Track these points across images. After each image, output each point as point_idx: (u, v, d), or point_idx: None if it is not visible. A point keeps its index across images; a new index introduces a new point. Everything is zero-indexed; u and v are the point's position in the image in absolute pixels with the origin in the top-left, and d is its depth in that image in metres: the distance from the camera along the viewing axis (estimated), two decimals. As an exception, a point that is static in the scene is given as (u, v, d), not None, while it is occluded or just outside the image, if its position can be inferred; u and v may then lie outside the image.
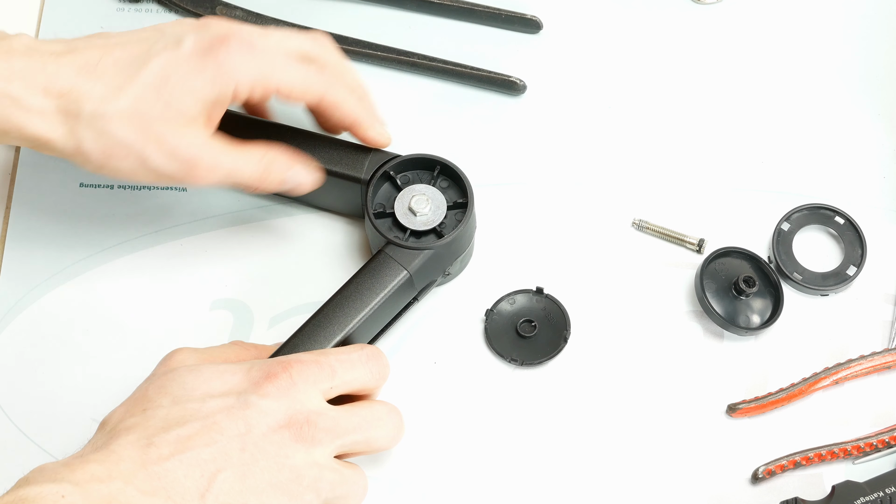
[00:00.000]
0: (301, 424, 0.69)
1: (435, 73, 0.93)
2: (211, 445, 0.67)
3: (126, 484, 0.64)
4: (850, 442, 0.80)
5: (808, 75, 0.93)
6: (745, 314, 0.84)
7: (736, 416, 0.81)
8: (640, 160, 0.90)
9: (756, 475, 0.79)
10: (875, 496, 0.76)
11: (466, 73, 0.92)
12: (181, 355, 0.73)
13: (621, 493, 0.80)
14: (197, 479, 0.66)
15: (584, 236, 0.87)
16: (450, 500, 0.79)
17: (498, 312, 0.84)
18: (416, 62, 0.92)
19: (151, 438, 0.66)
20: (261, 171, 0.78)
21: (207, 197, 0.89)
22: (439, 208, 0.81)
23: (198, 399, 0.69)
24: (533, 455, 0.81)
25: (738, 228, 0.87)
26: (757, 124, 0.91)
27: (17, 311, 0.85)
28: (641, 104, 0.92)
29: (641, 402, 0.82)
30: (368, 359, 0.74)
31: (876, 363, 0.82)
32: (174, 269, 0.86)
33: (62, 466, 0.65)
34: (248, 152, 0.78)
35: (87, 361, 0.84)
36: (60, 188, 0.89)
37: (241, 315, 0.85)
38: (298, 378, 0.70)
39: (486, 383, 0.83)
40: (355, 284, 0.79)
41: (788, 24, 0.95)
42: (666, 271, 0.86)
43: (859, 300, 0.85)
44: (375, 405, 0.74)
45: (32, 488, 0.63)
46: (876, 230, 0.87)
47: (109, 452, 0.66)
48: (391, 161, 0.82)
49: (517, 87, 0.91)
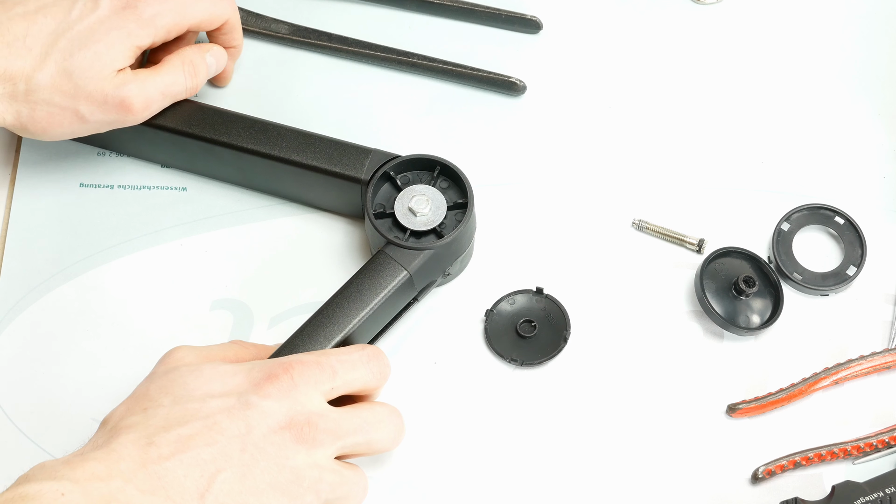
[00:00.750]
0: (302, 426, 0.69)
1: (435, 74, 0.93)
2: (211, 445, 0.67)
3: (126, 483, 0.64)
4: (850, 442, 0.80)
5: (807, 75, 0.93)
6: (745, 314, 0.84)
7: (736, 416, 0.81)
8: (640, 160, 0.90)
9: (756, 475, 0.79)
10: (875, 496, 0.76)
11: (466, 74, 0.92)
12: (180, 353, 0.73)
13: (621, 493, 0.80)
14: (197, 479, 0.66)
15: (584, 236, 0.87)
16: (450, 500, 0.79)
17: (498, 312, 0.84)
18: (417, 63, 0.92)
19: (152, 438, 0.66)
20: (189, 76, 0.84)
21: (207, 197, 0.89)
22: (439, 208, 0.81)
23: (199, 399, 0.69)
24: (533, 455, 0.81)
25: (738, 228, 0.87)
26: (757, 124, 0.91)
27: (18, 311, 0.85)
28: (641, 104, 0.92)
29: (641, 402, 0.82)
30: (369, 359, 0.74)
31: (876, 363, 0.82)
32: (174, 269, 0.86)
33: (62, 464, 0.65)
34: (170, 68, 0.84)
35: (88, 361, 0.83)
36: (60, 188, 0.89)
37: (241, 315, 0.85)
38: (300, 379, 0.70)
39: (486, 383, 0.83)
40: (355, 284, 0.79)
41: (788, 24, 0.95)
42: (666, 271, 0.86)
43: (859, 300, 0.85)
44: (376, 407, 0.74)
45: (32, 485, 0.63)
46: (876, 230, 0.87)
47: (110, 451, 0.66)
48: (391, 161, 0.82)
49: (517, 87, 0.91)
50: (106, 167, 0.90)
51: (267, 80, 0.93)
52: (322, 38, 0.93)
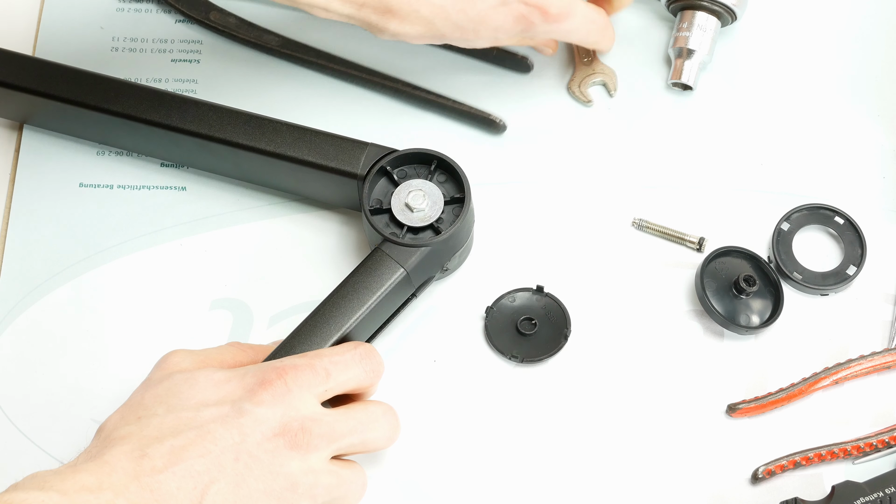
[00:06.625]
0: (296, 431, 0.69)
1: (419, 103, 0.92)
2: (205, 456, 0.66)
3: (116, 495, 0.64)
4: (850, 442, 0.80)
5: (807, 75, 0.93)
6: (745, 313, 0.84)
7: (736, 416, 0.81)
8: (640, 160, 0.90)
9: (756, 475, 0.79)
10: (875, 496, 0.76)
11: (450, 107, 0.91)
12: (176, 357, 0.73)
13: (621, 492, 0.80)
14: (190, 492, 0.65)
15: (584, 235, 0.87)
16: (450, 498, 0.79)
17: (498, 310, 0.84)
18: (400, 89, 0.91)
19: (145, 449, 0.66)
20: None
21: (207, 197, 0.89)
22: (436, 204, 0.81)
23: (193, 408, 0.69)
24: (533, 453, 0.81)
25: (738, 228, 0.87)
26: (757, 124, 0.91)
27: (18, 311, 0.85)
28: (641, 104, 0.92)
29: (641, 401, 0.82)
30: (362, 358, 0.74)
31: (876, 363, 0.82)
32: (174, 269, 0.86)
33: (53, 475, 0.65)
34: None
35: (87, 362, 0.84)
36: (60, 188, 0.89)
37: (241, 315, 0.85)
38: (293, 384, 0.70)
39: (486, 380, 0.83)
40: (352, 283, 0.78)
41: (788, 24, 0.95)
42: (666, 270, 0.86)
43: (859, 300, 0.85)
44: (371, 406, 0.73)
45: (19, 494, 0.63)
46: (876, 230, 0.87)
47: (102, 463, 0.65)
48: (388, 156, 0.82)
49: (498, 126, 0.90)
50: (105, 167, 0.90)
51: (245, 87, 0.92)
52: (310, 53, 0.93)
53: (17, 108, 0.88)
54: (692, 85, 0.90)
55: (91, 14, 0.95)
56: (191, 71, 0.93)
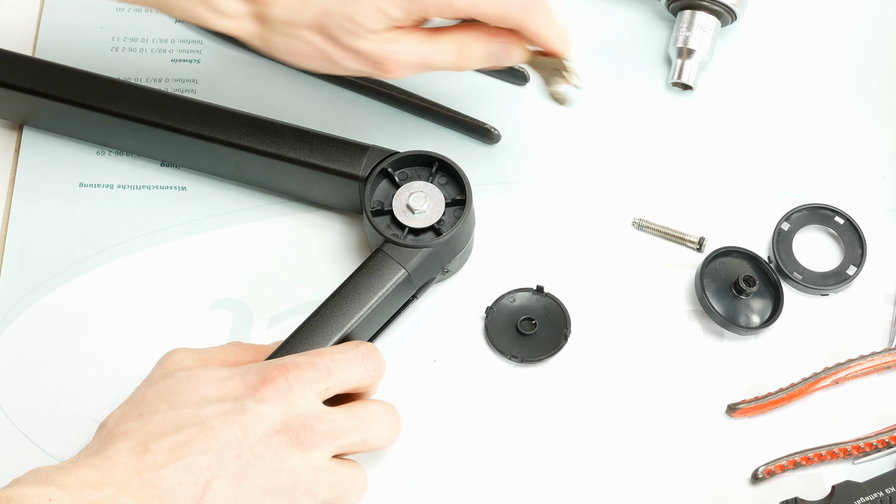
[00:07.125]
0: (297, 429, 0.69)
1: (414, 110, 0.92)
2: (206, 452, 0.66)
3: (118, 490, 0.64)
4: (850, 442, 0.80)
5: (807, 75, 0.93)
6: (745, 314, 0.84)
7: (736, 416, 0.81)
8: (640, 160, 0.90)
9: (756, 475, 0.79)
10: (875, 496, 0.76)
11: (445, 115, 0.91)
12: (178, 356, 0.73)
13: (621, 492, 0.80)
14: (191, 487, 0.65)
15: (584, 235, 0.87)
16: (450, 498, 0.79)
17: (498, 310, 0.84)
18: (395, 96, 0.91)
19: (147, 445, 0.66)
20: (456, 58, 0.77)
21: (207, 196, 0.89)
22: (437, 205, 0.81)
23: (195, 404, 0.69)
24: (533, 453, 0.81)
25: (738, 228, 0.87)
26: (757, 124, 0.91)
27: (18, 311, 0.85)
28: (641, 104, 0.92)
29: (641, 401, 0.82)
30: (364, 356, 0.74)
31: (876, 363, 0.82)
32: (174, 269, 0.86)
33: (55, 470, 0.65)
34: (441, 41, 0.76)
35: (88, 361, 0.84)
36: (60, 188, 0.89)
37: (241, 315, 0.85)
38: (295, 381, 0.70)
39: (486, 380, 0.83)
40: (353, 284, 0.78)
41: (788, 24, 0.95)
42: (666, 270, 0.86)
43: (859, 300, 0.85)
44: (372, 405, 0.73)
45: (20, 489, 0.63)
46: (876, 230, 0.87)
47: (104, 458, 0.66)
48: (389, 158, 0.82)
49: (492, 135, 0.90)
50: (105, 167, 0.90)
51: (245, 88, 0.92)
52: None
53: (17, 108, 0.88)
54: (692, 85, 0.90)
55: (91, 14, 0.95)
56: (191, 71, 0.93)
